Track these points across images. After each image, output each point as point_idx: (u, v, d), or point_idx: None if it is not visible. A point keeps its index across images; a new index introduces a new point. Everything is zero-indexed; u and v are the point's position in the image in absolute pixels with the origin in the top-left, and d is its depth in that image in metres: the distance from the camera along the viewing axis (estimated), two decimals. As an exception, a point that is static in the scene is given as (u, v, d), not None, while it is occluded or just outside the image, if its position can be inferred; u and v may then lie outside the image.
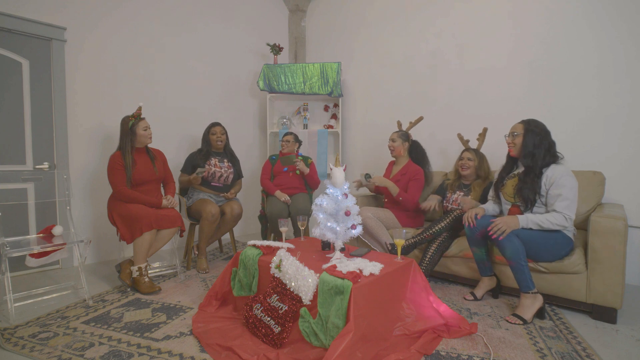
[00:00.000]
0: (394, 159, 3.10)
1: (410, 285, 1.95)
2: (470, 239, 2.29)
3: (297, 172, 3.33)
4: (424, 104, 3.70)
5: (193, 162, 3.06)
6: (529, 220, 2.06)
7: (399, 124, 3.44)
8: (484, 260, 2.31)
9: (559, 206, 2.01)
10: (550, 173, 2.07)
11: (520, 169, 2.23)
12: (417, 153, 3.02)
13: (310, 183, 3.44)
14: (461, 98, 3.45)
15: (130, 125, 2.56)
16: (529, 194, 2.10)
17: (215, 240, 3.27)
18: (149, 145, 2.73)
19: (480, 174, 2.70)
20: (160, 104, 3.56)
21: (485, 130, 2.97)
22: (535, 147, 2.11)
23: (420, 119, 3.33)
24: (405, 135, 3.00)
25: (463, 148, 2.96)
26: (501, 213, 2.33)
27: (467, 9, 3.39)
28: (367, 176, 2.99)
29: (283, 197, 3.19)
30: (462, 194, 2.72)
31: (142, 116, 2.62)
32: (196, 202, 2.95)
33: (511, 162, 2.32)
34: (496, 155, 2.91)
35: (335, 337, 1.50)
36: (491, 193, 2.40)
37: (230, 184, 3.20)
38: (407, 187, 2.85)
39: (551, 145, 2.13)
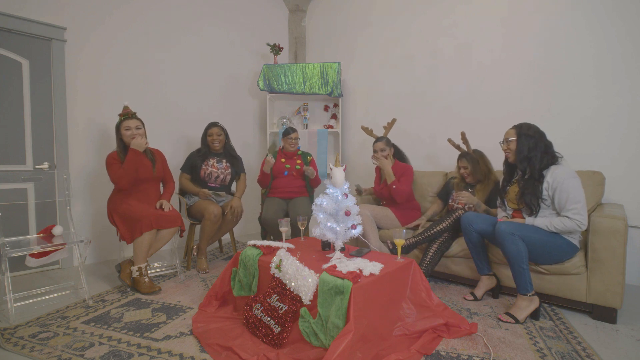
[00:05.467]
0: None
1: (410, 285, 1.95)
2: (466, 235, 2.30)
3: (305, 173, 3.27)
4: (424, 104, 3.70)
5: (192, 162, 3.07)
6: (536, 222, 2.05)
7: (370, 131, 3.47)
8: (480, 257, 2.32)
9: (569, 212, 1.97)
10: (551, 178, 2.03)
11: (519, 174, 2.20)
12: (399, 154, 3.08)
13: (313, 184, 3.39)
14: (461, 98, 3.45)
15: (117, 124, 2.58)
16: (531, 200, 2.08)
17: (216, 240, 3.27)
18: (148, 146, 2.72)
19: (478, 177, 2.68)
20: (161, 103, 3.56)
21: (463, 134, 2.91)
22: (530, 151, 2.08)
23: (394, 121, 3.37)
24: (389, 141, 3.03)
25: (464, 148, 2.96)
26: None
27: (467, 10, 3.39)
28: (359, 190, 3.11)
29: (268, 165, 3.13)
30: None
31: (132, 115, 2.59)
32: (197, 202, 2.95)
33: (510, 168, 2.29)
34: (498, 156, 2.91)
35: (335, 337, 1.50)
36: (499, 201, 2.39)
37: (228, 184, 3.20)
38: (399, 181, 2.89)
39: (547, 146, 2.10)
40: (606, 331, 1.94)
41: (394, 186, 2.80)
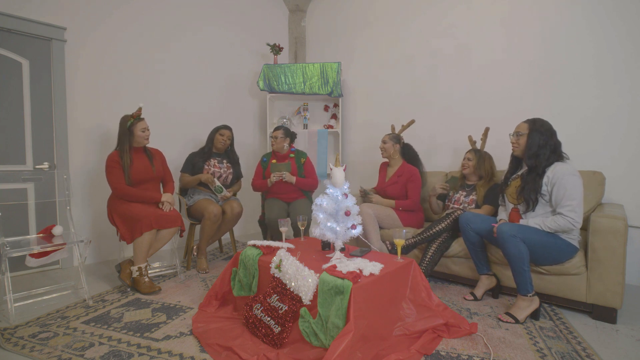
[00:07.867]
0: (386, 160, 3.12)
1: (410, 285, 1.95)
2: (465, 235, 2.30)
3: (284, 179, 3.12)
4: (424, 104, 3.70)
5: (193, 162, 3.08)
6: (530, 223, 2.06)
7: (393, 128, 3.49)
8: (479, 257, 2.32)
9: (564, 209, 1.98)
10: (552, 174, 2.03)
11: (524, 169, 2.20)
12: (409, 155, 3.06)
13: (304, 188, 3.24)
14: (461, 99, 3.45)
15: (129, 125, 2.56)
16: (530, 194, 2.08)
17: (216, 240, 3.27)
18: (147, 145, 2.73)
19: (480, 174, 2.70)
20: (160, 104, 3.56)
21: (487, 130, 2.96)
22: (540, 148, 2.06)
23: (412, 122, 3.37)
24: (396, 138, 3.04)
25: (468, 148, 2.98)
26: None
27: (467, 10, 3.39)
28: (365, 192, 3.07)
29: (275, 177, 3.08)
30: (464, 193, 2.73)
31: (141, 117, 2.62)
32: (197, 202, 2.95)
33: (515, 162, 2.29)
34: (498, 155, 2.91)
35: (335, 337, 1.50)
36: (500, 199, 2.38)
37: (230, 184, 3.21)
38: (405, 189, 2.87)
39: (557, 145, 2.09)
40: (606, 331, 1.94)
41: (400, 208, 2.82)
